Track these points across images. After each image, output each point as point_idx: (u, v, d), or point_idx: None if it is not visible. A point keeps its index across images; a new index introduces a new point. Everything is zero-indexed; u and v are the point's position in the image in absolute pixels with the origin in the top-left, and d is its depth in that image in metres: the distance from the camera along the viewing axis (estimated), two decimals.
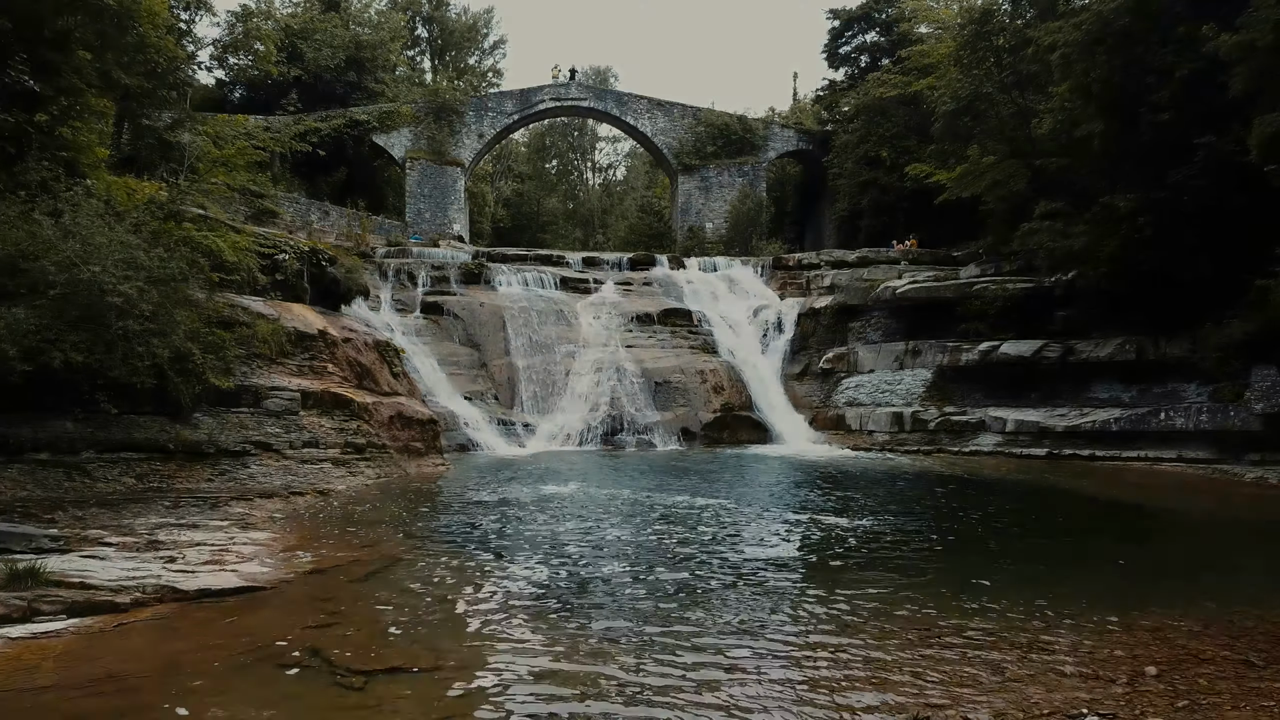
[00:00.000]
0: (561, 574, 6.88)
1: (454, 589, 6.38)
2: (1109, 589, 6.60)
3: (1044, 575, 7.07)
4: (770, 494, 12.11)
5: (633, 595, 6.21)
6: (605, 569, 7.08)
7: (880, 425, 19.22)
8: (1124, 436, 15.89)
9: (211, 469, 11.23)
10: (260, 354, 13.00)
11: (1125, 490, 13.03)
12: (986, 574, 6.86)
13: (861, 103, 30.84)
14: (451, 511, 10.36)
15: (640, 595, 6.20)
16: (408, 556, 7.80)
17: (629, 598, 6.14)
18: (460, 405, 18.77)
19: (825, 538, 8.43)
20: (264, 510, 10.08)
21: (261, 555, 7.75)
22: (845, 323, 22.74)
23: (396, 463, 13.96)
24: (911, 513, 10.33)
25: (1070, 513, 11.13)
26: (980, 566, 7.23)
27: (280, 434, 12.41)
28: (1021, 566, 7.47)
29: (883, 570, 7.03)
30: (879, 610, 5.73)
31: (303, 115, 32.23)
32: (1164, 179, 14.70)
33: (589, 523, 9.23)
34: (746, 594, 6.22)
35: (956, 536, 8.73)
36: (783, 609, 5.80)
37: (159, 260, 9.50)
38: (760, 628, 5.34)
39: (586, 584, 6.58)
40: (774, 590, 6.36)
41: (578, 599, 6.11)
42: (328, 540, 8.57)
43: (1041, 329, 18.83)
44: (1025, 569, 7.34)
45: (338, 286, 16.33)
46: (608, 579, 6.72)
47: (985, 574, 6.85)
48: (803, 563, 7.33)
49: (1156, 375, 17.04)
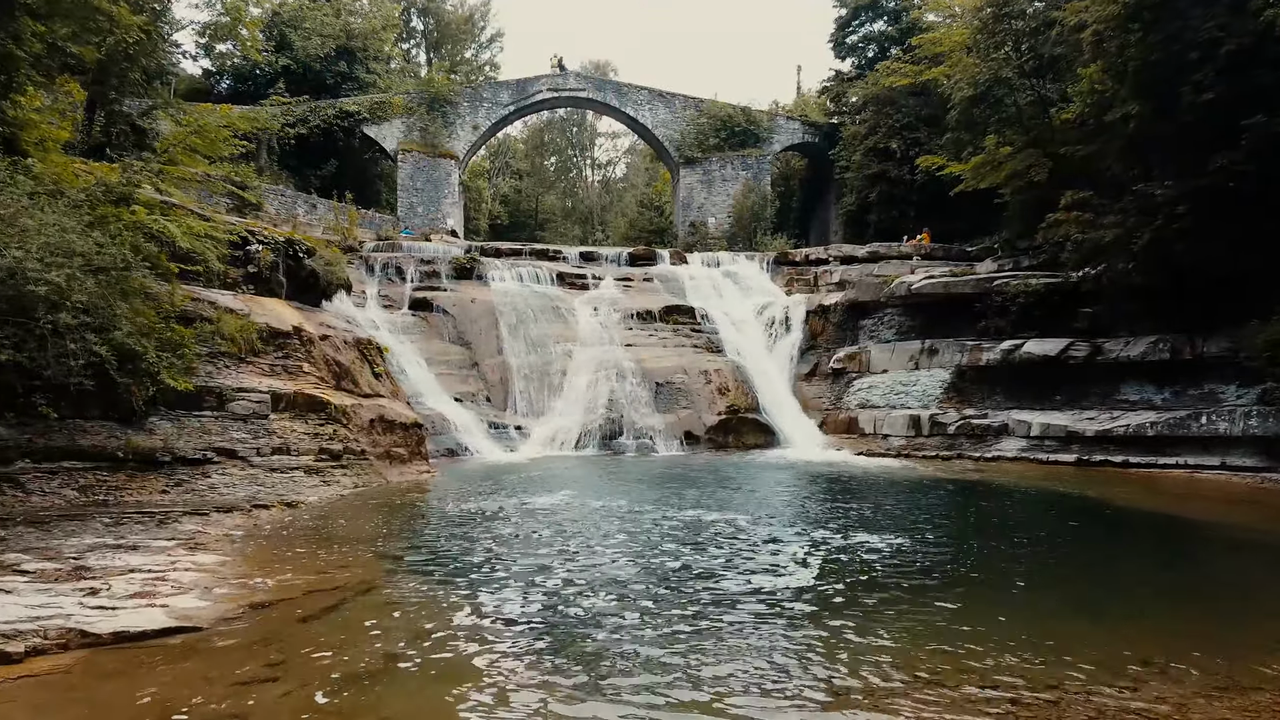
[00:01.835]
0: (551, 611, 5.81)
1: (424, 630, 5.35)
2: (1196, 632, 5.51)
3: (1114, 609, 6.02)
4: (782, 507, 11.02)
5: (634, 638, 5.16)
6: (601, 603, 6.01)
7: (896, 429, 18.12)
8: (1161, 441, 14.81)
9: (167, 479, 10.14)
10: (227, 352, 11.93)
11: (1169, 501, 11.94)
12: (1044, 609, 5.86)
13: (870, 93, 29.75)
14: (432, 527, 9.29)
15: (644, 638, 5.16)
16: (376, 585, 6.76)
17: (630, 641, 5.09)
18: (449, 407, 17.68)
19: (847, 562, 7.36)
20: (220, 527, 8.99)
21: (204, 584, 6.67)
22: (856, 320, 21.64)
23: (377, 470, 12.88)
24: (940, 529, 9.25)
25: (1118, 528, 10.05)
26: (1032, 599, 6.20)
27: (247, 440, 11.33)
28: (1083, 595, 6.45)
29: (919, 604, 5.98)
30: (926, 664, 4.67)
31: (290, 106, 31.15)
32: (1206, 164, 13.61)
33: (583, 543, 8.15)
34: (765, 638, 5.18)
35: (997, 560, 7.63)
36: (811, 661, 4.73)
37: (97, 246, 8.40)
38: (782, 684, 4.30)
39: (579, 625, 5.50)
40: (796, 632, 5.33)
41: (569, 645, 5.04)
42: (288, 563, 7.49)
43: (1065, 327, 17.74)
44: (1089, 599, 6.32)
45: (316, 280, 15.25)
46: (605, 617, 5.66)
47: (1042, 609, 5.86)
48: (825, 596, 6.24)
49: (1192, 376, 15.95)
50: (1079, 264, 17.30)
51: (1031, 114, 21.06)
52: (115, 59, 18.45)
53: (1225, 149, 13.31)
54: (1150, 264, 15.54)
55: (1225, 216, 13.77)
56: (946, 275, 19.92)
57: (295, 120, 30.77)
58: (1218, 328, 15.36)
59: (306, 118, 30.93)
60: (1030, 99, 20.97)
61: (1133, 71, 14.28)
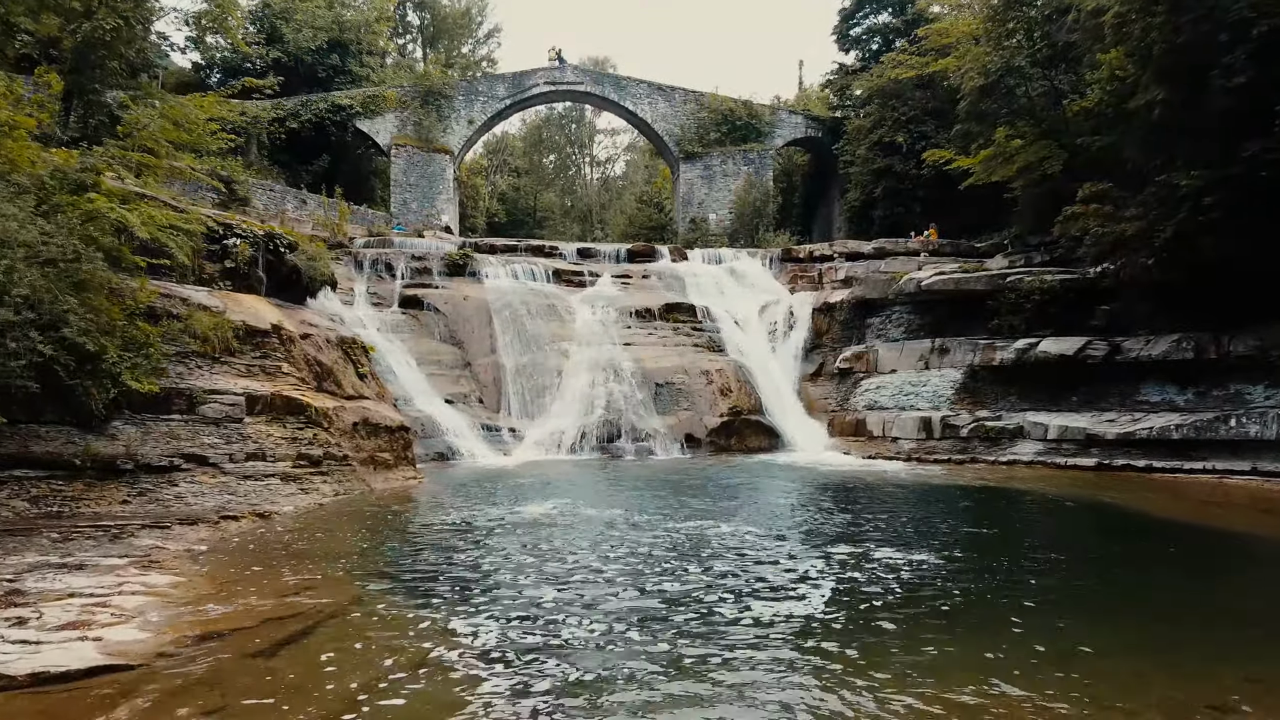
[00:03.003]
0: (535, 642, 5.16)
1: (392, 667, 4.75)
2: (1267, 673, 4.81)
3: (1163, 639, 5.35)
4: (789, 517, 10.30)
5: (631, 678, 4.49)
6: (594, 634, 5.33)
7: (906, 431, 17.38)
8: (1186, 445, 14.08)
9: (129, 489, 9.42)
10: (200, 352, 11.22)
11: (1200, 510, 11.19)
12: (1086, 643, 5.17)
13: (875, 85, 29.00)
14: (413, 541, 8.59)
15: (642, 677, 4.50)
16: (345, 610, 6.09)
17: (626, 683, 4.43)
18: (440, 409, 16.94)
19: (863, 583, 6.65)
20: (182, 541, 8.28)
21: (150, 611, 5.96)
22: (863, 319, 20.90)
23: (359, 477, 12.16)
24: (961, 543, 8.52)
25: (1150, 541, 9.31)
26: (1072, 630, 5.50)
27: (219, 445, 10.62)
28: (1127, 625, 5.78)
29: (947, 635, 5.32)
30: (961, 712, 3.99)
31: (281, 100, 30.42)
32: (1236, 152, 12.89)
33: (576, 561, 7.43)
34: (775, 675, 4.55)
35: (1026, 580, 6.89)
36: (827, 707, 4.03)
37: (44, 235, 7.68)
38: None
39: (568, 660, 4.84)
40: (809, 668, 4.69)
41: (556, 686, 4.37)
42: (250, 584, 6.80)
43: (1082, 325, 17.01)
44: (1134, 630, 5.66)
45: (299, 276, 14.52)
46: (597, 650, 5.00)
47: (1085, 643, 5.17)
48: (841, 624, 5.54)
49: (1216, 376, 15.21)
50: (1097, 259, 16.56)
51: (1043, 105, 20.34)
52: (93, 46, 17.75)
53: (1257, 136, 12.59)
54: (1173, 258, 14.82)
55: (1256, 208, 13.05)
56: (957, 271, 19.17)
57: (286, 114, 30.07)
58: (1244, 325, 14.66)
59: (297, 112, 30.21)
60: (1042, 89, 20.25)
61: (1157, 55, 13.56)
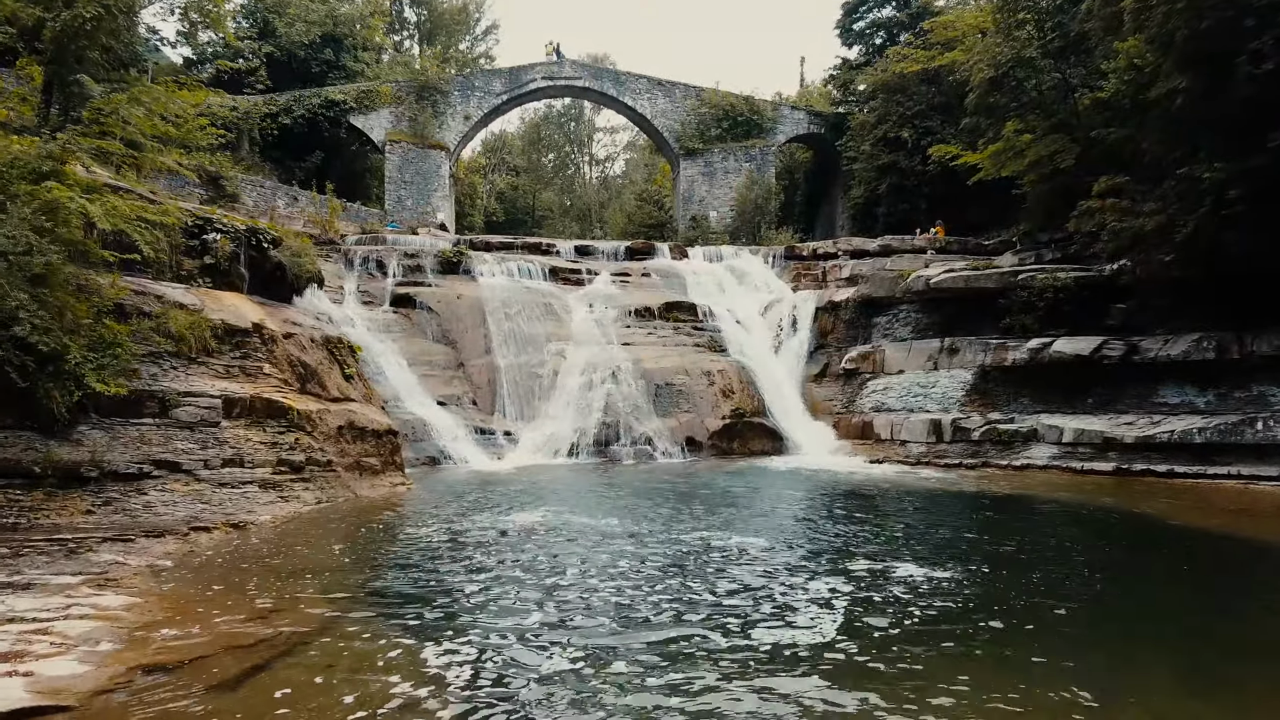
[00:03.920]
0: (520, 676, 4.64)
1: (353, 706, 4.23)
2: None
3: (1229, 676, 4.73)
4: (797, 527, 9.70)
5: None
6: (585, 665, 4.75)
7: (915, 435, 16.78)
8: (1209, 449, 13.49)
9: (94, 498, 8.83)
10: (175, 352, 10.64)
11: (1231, 520, 10.57)
12: (1136, 677, 4.71)
13: (880, 80, 28.39)
14: (394, 555, 8.01)
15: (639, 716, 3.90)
16: (314, 636, 5.54)
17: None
18: (432, 411, 16.34)
19: (880, 604, 6.07)
20: (145, 556, 7.69)
21: (97, 639, 5.36)
22: (869, 318, 20.30)
23: (344, 483, 11.57)
24: (981, 556, 7.90)
25: (1185, 555, 8.71)
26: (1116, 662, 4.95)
27: (194, 450, 10.04)
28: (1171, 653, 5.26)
29: (978, 665, 4.78)
30: None
31: (274, 95, 29.82)
32: (1263, 143, 12.31)
33: (569, 578, 6.84)
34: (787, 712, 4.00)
35: (1057, 599, 6.27)
36: None
37: None
38: None
39: (557, 697, 4.26)
40: (825, 706, 4.15)
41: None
42: (213, 606, 6.22)
43: (1097, 324, 16.42)
44: (1180, 658, 5.14)
45: (284, 273, 13.92)
46: (589, 685, 4.41)
47: (1133, 677, 4.71)
48: (855, 656, 4.94)
49: (1238, 377, 14.62)
50: (1114, 255, 15.96)
51: (1054, 98, 19.76)
52: (73, 35, 17.13)
53: None
54: (1194, 255, 14.23)
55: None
56: (967, 269, 18.57)
57: (278, 110, 29.46)
58: (1267, 324, 14.10)
59: (290, 107, 29.59)
60: (1053, 82, 19.67)
61: (1180, 42, 12.96)
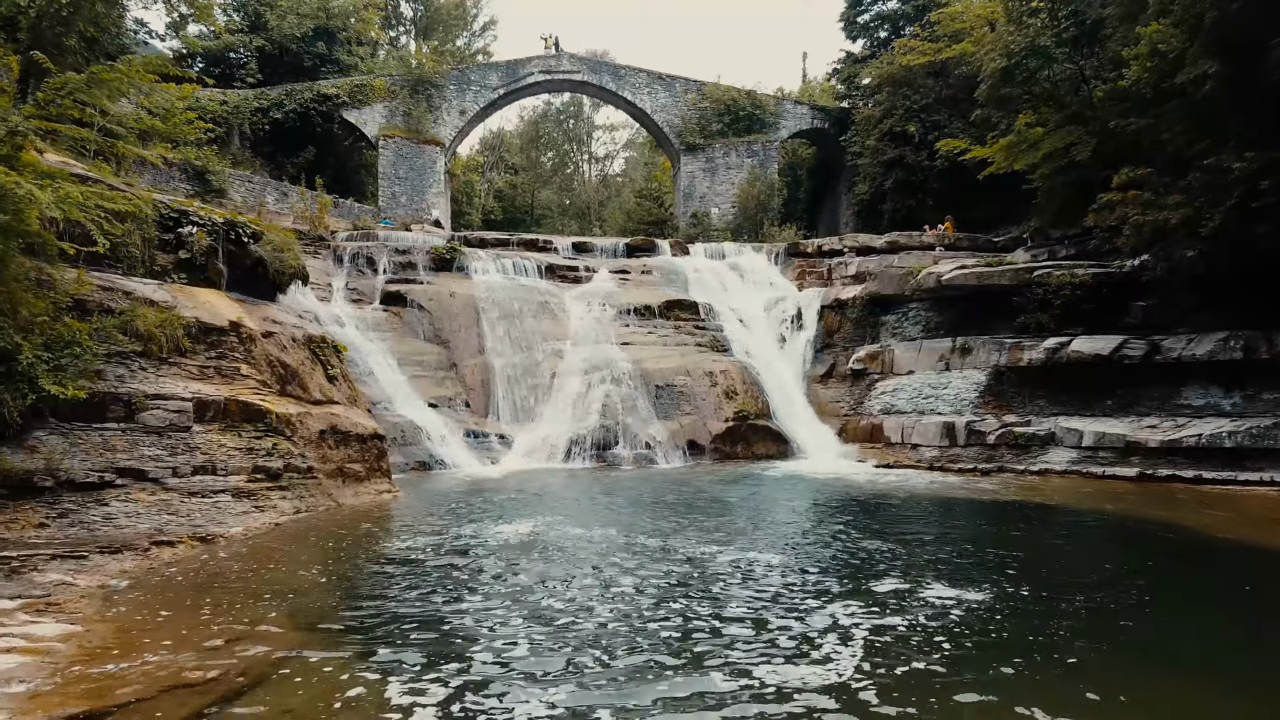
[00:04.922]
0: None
1: None
2: None
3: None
4: (808, 539, 9.00)
5: None
6: (568, 703, 4.05)
7: (927, 438, 16.10)
8: (1240, 454, 12.82)
9: (48, 510, 8.15)
10: (143, 352, 9.95)
11: (1272, 531, 9.91)
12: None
13: (885, 73, 27.70)
14: (372, 572, 7.32)
15: None
16: (271, 672, 4.89)
17: None
18: (423, 414, 15.65)
19: (907, 634, 5.36)
20: (98, 575, 7.02)
21: (23, 678, 4.69)
22: (877, 316, 19.62)
23: (325, 491, 10.89)
24: (1014, 574, 7.18)
25: (1234, 573, 8.03)
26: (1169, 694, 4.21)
27: (162, 457, 9.35)
28: (1239, 689, 4.45)
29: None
30: None
31: (264, 89, 29.15)
32: None
33: (561, 599, 6.16)
34: None
35: (1110, 628, 5.59)
36: None
37: None
38: None
39: None
40: None
41: None
42: (162, 634, 5.55)
43: (1115, 323, 15.77)
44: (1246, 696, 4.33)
45: (265, 269, 13.23)
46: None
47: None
48: (886, 709, 4.23)
49: (1265, 378, 13.94)
50: (1136, 250, 15.29)
51: (1068, 89, 19.09)
52: (51, 21, 16.49)
53: None
54: (1221, 249, 13.59)
55: None
56: (980, 265, 17.88)
57: (269, 104, 28.78)
58: None
59: (281, 101, 28.89)
60: (1068, 73, 19.00)
61: (1209, 25, 12.30)
